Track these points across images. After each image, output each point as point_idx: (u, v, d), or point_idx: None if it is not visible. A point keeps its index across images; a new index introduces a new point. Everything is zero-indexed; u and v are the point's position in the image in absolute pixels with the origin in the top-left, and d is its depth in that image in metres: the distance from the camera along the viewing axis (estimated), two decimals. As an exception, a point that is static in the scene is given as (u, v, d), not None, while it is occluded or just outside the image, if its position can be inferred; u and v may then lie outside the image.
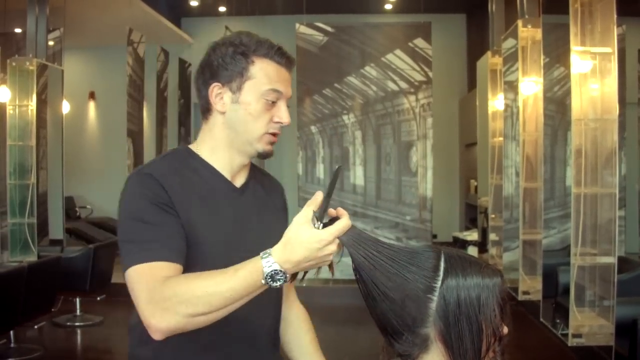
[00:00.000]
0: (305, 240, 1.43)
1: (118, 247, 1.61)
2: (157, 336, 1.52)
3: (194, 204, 1.74)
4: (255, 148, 1.81)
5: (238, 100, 1.78)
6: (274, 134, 1.81)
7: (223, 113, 1.80)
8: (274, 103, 1.78)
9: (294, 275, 1.54)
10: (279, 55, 1.79)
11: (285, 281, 1.47)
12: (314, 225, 1.43)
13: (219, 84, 1.79)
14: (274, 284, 1.47)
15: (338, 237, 1.43)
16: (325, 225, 1.44)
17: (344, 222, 1.43)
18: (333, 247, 1.43)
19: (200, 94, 1.84)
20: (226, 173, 1.85)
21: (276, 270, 1.46)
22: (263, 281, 1.47)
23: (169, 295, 1.49)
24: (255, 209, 1.86)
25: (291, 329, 2.08)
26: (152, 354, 1.78)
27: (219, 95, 1.79)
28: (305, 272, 1.54)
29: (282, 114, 1.80)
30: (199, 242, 1.71)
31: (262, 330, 1.89)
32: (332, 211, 1.48)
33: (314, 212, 1.44)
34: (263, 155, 1.84)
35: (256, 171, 1.98)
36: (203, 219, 1.74)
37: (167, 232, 1.64)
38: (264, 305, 1.83)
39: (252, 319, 1.82)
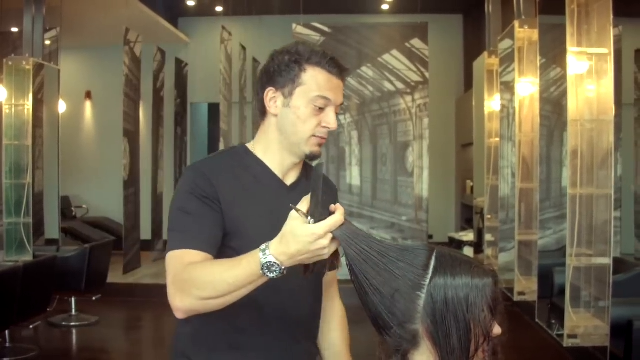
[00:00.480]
0: (298, 234, 1.50)
1: (114, 247, 1.78)
2: (178, 314, 1.71)
3: (242, 199, 1.90)
4: (303, 150, 1.93)
5: (289, 104, 1.89)
6: (321, 138, 1.92)
7: (275, 116, 1.93)
8: (321, 109, 1.89)
9: (328, 266, 1.65)
10: (330, 64, 1.89)
11: (280, 273, 1.55)
12: (307, 220, 1.50)
13: (273, 88, 1.92)
14: (271, 275, 1.55)
15: (332, 232, 1.48)
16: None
17: (336, 218, 1.49)
18: (325, 242, 1.49)
19: (258, 98, 1.98)
20: (278, 171, 1.98)
21: (271, 262, 1.54)
22: (260, 272, 1.55)
23: (186, 279, 1.67)
24: None
25: (324, 325, 2.18)
26: (192, 332, 1.95)
27: (273, 99, 1.92)
28: (313, 267, 1.60)
29: (330, 119, 1.90)
30: (246, 235, 1.84)
31: (296, 320, 1.98)
32: (333, 207, 1.53)
33: (296, 208, 1.52)
34: (310, 157, 1.96)
35: (309, 171, 2.08)
36: (250, 213, 1.89)
37: (203, 223, 1.81)
38: (299, 296, 1.97)
39: (287, 308, 1.95)
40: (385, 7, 11.80)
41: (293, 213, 1.52)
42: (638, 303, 5.43)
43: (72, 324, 7.32)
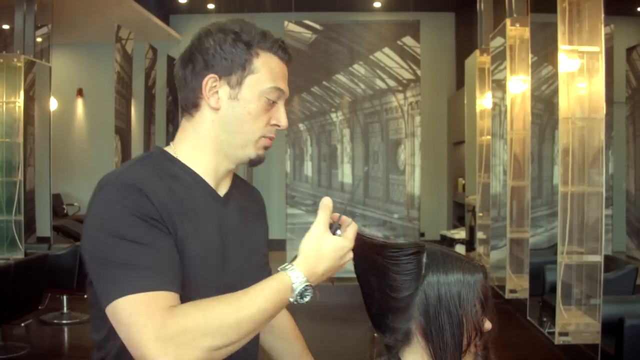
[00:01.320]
0: (330, 249, 1.37)
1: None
2: None
3: (181, 217, 1.45)
4: (247, 153, 1.58)
5: (237, 96, 1.54)
6: (270, 138, 1.60)
7: (216, 110, 1.54)
8: (274, 103, 1.57)
9: None
10: (282, 50, 1.60)
11: (311, 296, 1.37)
12: (334, 233, 1.39)
13: (215, 75, 1.53)
14: (302, 300, 1.37)
15: None
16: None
17: (355, 227, 1.40)
18: (351, 254, 1.40)
19: (186, 86, 1.57)
20: (210, 180, 1.59)
21: (307, 285, 1.36)
22: (292, 298, 1.36)
23: (187, 328, 1.26)
24: (240, 218, 1.64)
25: (280, 336, 1.90)
26: None
27: (213, 89, 1.54)
28: None
29: (281, 116, 1.59)
30: (188, 258, 1.44)
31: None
32: (335, 216, 1.43)
33: (332, 220, 1.41)
34: (255, 162, 1.60)
35: (235, 178, 1.72)
36: (190, 232, 1.46)
37: (161, 253, 1.37)
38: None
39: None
40: (377, 4, 11.80)
41: (317, 228, 1.37)
42: (629, 300, 5.45)
43: (64, 321, 7.30)
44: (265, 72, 1.55)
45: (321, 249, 1.36)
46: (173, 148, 1.60)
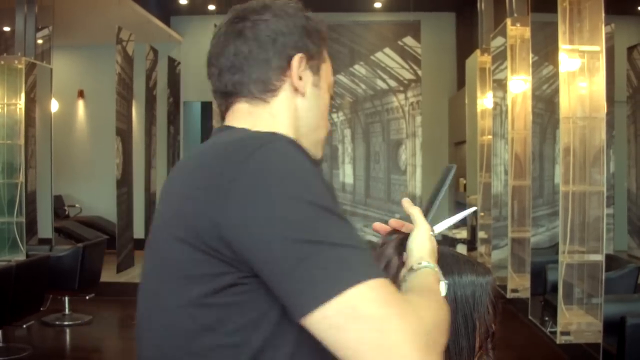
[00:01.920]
0: (435, 248, 1.28)
1: (107, 246, 0.94)
2: None
3: None
4: (316, 153, 1.34)
5: (319, 84, 1.30)
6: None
7: (302, 95, 1.27)
8: (331, 98, 1.35)
9: None
10: None
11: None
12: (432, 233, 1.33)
13: (305, 55, 1.27)
14: None
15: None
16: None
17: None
18: None
19: (263, 65, 1.25)
20: None
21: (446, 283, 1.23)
22: None
23: (432, 325, 1.00)
24: None
25: None
26: None
27: (299, 71, 1.27)
28: None
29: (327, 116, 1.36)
30: None
31: None
32: (383, 226, 1.42)
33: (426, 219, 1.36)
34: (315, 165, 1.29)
35: None
36: None
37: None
38: None
39: None
40: (378, 5, 11.79)
41: (426, 226, 1.30)
42: (630, 300, 5.45)
43: (66, 323, 7.30)
44: (330, 63, 1.35)
45: (433, 246, 1.26)
46: None
